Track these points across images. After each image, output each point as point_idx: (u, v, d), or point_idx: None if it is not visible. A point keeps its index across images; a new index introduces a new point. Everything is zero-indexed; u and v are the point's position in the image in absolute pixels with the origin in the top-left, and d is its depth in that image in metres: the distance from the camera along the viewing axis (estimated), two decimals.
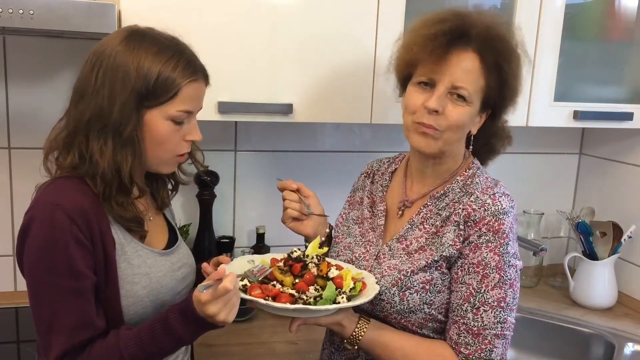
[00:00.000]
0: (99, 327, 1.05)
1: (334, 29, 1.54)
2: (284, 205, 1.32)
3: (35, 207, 1.05)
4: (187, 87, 1.09)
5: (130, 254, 1.11)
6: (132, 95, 1.04)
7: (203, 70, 1.13)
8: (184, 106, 1.09)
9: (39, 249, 1.02)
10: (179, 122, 1.10)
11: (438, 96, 1.13)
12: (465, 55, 1.13)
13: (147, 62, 1.05)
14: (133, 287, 1.10)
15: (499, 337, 1.12)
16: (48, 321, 1.03)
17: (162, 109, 1.08)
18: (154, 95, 1.06)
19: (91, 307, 1.05)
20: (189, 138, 1.13)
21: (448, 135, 1.15)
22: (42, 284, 1.03)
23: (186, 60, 1.09)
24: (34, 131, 1.74)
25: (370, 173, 1.39)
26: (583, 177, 2.30)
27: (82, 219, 1.03)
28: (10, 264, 1.81)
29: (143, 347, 1.04)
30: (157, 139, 1.09)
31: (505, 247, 1.12)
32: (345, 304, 1.09)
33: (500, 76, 1.14)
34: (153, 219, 1.22)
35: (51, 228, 1.01)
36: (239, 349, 1.62)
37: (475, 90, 1.14)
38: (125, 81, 1.04)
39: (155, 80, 1.05)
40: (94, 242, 1.05)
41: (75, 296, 1.03)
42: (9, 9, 1.23)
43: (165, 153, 1.12)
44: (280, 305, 1.06)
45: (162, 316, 1.06)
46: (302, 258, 1.20)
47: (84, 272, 1.03)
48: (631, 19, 1.86)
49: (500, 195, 1.15)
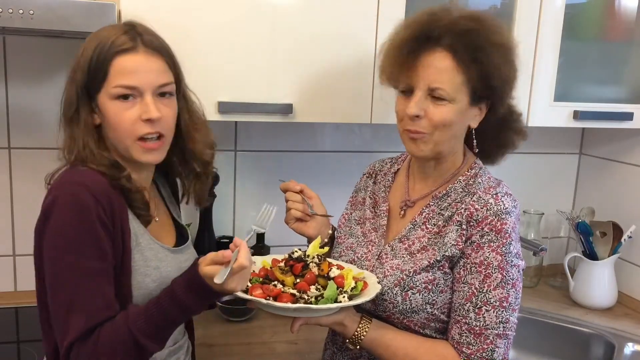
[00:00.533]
0: (116, 309, 1.05)
1: (334, 28, 1.54)
2: (287, 206, 1.32)
3: (59, 188, 1.04)
4: (118, 60, 1.06)
5: (144, 245, 1.12)
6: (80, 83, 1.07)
7: (144, 40, 1.09)
8: (121, 80, 1.06)
9: (63, 230, 1.01)
10: (125, 99, 1.07)
11: (415, 102, 1.14)
12: (436, 55, 1.13)
13: (89, 50, 1.07)
14: (144, 279, 1.11)
15: (501, 337, 1.11)
16: (69, 301, 1.02)
17: (105, 91, 1.07)
18: (93, 77, 1.07)
19: (112, 289, 1.05)
20: (144, 117, 1.07)
21: (437, 136, 1.16)
22: (66, 264, 1.02)
23: (121, 32, 1.08)
24: (34, 131, 1.74)
25: (373, 173, 1.39)
26: (583, 177, 2.30)
27: (106, 201, 1.04)
28: (11, 264, 1.81)
29: (152, 321, 1.03)
30: (109, 121, 1.08)
31: (508, 246, 1.12)
32: (346, 303, 1.09)
33: (481, 68, 1.12)
34: (160, 219, 1.22)
35: (78, 208, 1.01)
36: (239, 349, 1.62)
37: (454, 88, 1.13)
38: (73, 69, 1.09)
39: (89, 60, 1.06)
40: (114, 227, 1.05)
41: (100, 276, 1.03)
42: (9, 9, 1.23)
43: (124, 136, 1.08)
44: (281, 304, 1.06)
45: (167, 290, 1.06)
46: (303, 258, 1.20)
47: (109, 253, 1.04)
48: (631, 19, 1.86)
49: (502, 195, 1.15)
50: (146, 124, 1.08)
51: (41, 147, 1.75)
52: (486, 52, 1.12)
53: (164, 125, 1.10)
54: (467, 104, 1.15)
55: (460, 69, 1.12)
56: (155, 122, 1.08)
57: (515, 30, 1.70)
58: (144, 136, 1.08)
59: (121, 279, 1.08)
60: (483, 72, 1.12)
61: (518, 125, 1.28)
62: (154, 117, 1.07)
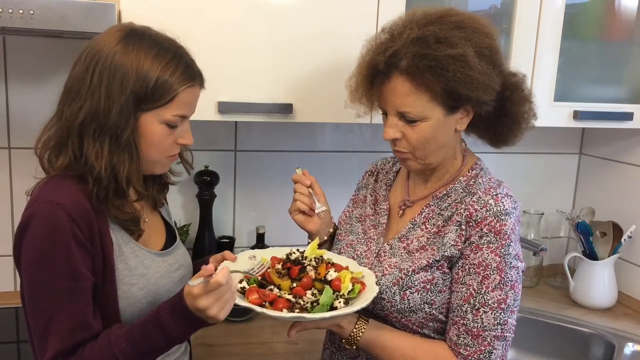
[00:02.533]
0: (95, 329, 1.04)
1: (334, 28, 1.54)
2: (294, 197, 1.32)
3: (35, 205, 1.03)
4: (184, 92, 1.08)
5: (127, 254, 1.11)
6: (131, 98, 1.03)
7: (200, 76, 1.13)
8: (180, 111, 1.08)
9: (38, 248, 1.01)
10: (172, 126, 1.09)
11: (390, 126, 1.16)
12: (397, 80, 1.12)
13: (147, 64, 1.04)
14: (130, 288, 1.10)
15: (499, 339, 1.11)
16: (45, 321, 1.02)
17: (157, 113, 1.07)
18: (152, 98, 1.05)
19: (89, 308, 1.04)
20: (181, 142, 1.13)
21: (421, 153, 1.17)
22: (41, 283, 1.01)
23: (185, 65, 1.08)
24: (34, 131, 1.71)
25: (375, 171, 1.40)
26: (583, 177, 2.30)
27: (82, 219, 1.02)
28: (10, 264, 1.81)
29: (134, 345, 1.02)
30: (150, 141, 1.08)
31: (507, 248, 1.12)
32: (340, 312, 1.08)
33: (444, 84, 1.09)
34: (149, 220, 1.21)
35: (52, 227, 1.00)
36: (239, 349, 1.62)
37: (422, 108, 1.12)
38: (123, 83, 1.03)
39: (154, 83, 1.04)
40: (93, 242, 1.04)
41: (73, 297, 1.02)
42: (9, 9, 1.23)
43: (158, 155, 1.12)
44: (276, 313, 1.06)
45: (153, 312, 1.04)
46: (300, 260, 1.20)
47: (84, 272, 1.03)
48: (631, 19, 1.86)
49: (503, 196, 1.15)
50: (178, 147, 1.14)
51: None
52: (445, 68, 1.07)
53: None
54: (442, 115, 1.13)
55: (422, 89, 1.10)
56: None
57: (515, 30, 1.70)
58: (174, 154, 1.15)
59: (106, 292, 1.07)
60: (447, 86, 1.09)
61: (520, 94, 1.21)
62: (190, 144, 1.15)
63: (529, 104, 1.22)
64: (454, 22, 1.11)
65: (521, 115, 1.22)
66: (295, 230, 1.36)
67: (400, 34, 1.12)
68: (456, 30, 1.10)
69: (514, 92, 1.20)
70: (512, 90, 1.19)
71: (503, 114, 1.20)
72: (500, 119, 1.21)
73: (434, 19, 1.12)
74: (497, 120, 1.21)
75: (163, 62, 1.05)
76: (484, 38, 1.11)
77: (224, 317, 1.02)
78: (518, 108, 1.20)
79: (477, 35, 1.11)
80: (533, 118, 1.24)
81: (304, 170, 1.35)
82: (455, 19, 1.12)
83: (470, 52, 1.08)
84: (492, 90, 1.13)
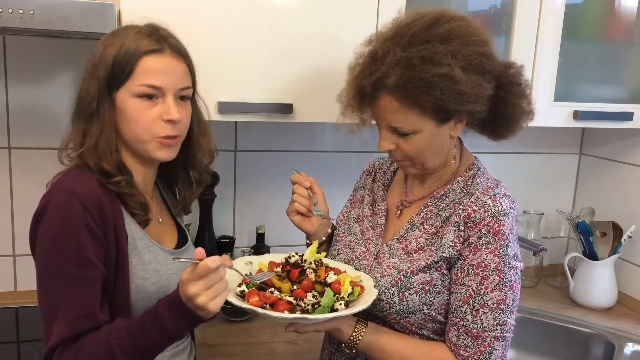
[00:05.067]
0: (100, 320, 1.04)
1: (334, 28, 1.54)
2: (293, 198, 1.32)
3: (52, 192, 1.05)
4: (147, 59, 1.08)
5: (141, 249, 1.12)
6: (101, 79, 1.07)
7: (170, 43, 1.11)
8: (146, 80, 1.08)
9: (50, 235, 1.02)
10: (147, 97, 1.08)
11: (383, 138, 1.16)
12: (386, 98, 1.11)
13: (110, 45, 1.08)
14: (143, 283, 1.11)
15: (499, 340, 1.11)
16: (52, 308, 1.02)
17: (127, 87, 1.08)
18: (116, 73, 1.07)
19: (96, 298, 1.04)
20: (165, 117, 1.09)
21: (417, 161, 1.17)
22: (51, 270, 1.02)
23: (147, 34, 1.09)
24: (34, 131, 1.74)
25: (372, 171, 1.40)
26: (583, 177, 2.30)
27: (96, 209, 1.04)
28: (10, 264, 1.81)
29: (132, 339, 1.01)
30: (128, 117, 1.09)
31: (505, 248, 1.12)
32: (342, 313, 1.08)
33: (432, 101, 1.07)
34: (163, 220, 1.22)
35: (65, 214, 1.02)
36: (239, 349, 1.62)
37: (412, 123, 1.11)
38: (94, 65, 1.08)
39: (113, 59, 1.07)
40: (106, 233, 1.05)
41: (80, 285, 1.02)
42: (9, 9, 1.23)
43: (142, 133, 1.10)
44: (278, 315, 1.06)
45: (152, 307, 1.04)
46: (300, 263, 1.20)
47: (93, 261, 1.03)
48: (631, 19, 1.86)
49: (500, 197, 1.15)
50: (166, 125, 1.10)
51: (41, 147, 1.75)
52: (432, 87, 1.06)
53: (180, 128, 1.13)
54: (434, 127, 1.12)
55: (411, 107, 1.09)
56: (175, 123, 1.11)
57: (515, 30, 1.70)
58: (163, 137, 1.11)
59: (118, 284, 1.08)
60: (436, 104, 1.08)
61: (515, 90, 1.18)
62: (175, 119, 1.09)
63: (525, 99, 1.20)
64: (440, 35, 1.08)
65: (517, 115, 1.20)
66: (295, 230, 1.36)
67: (384, 55, 1.10)
68: (441, 45, 1.07)
69: (509, 92, 1.17)
70: (506, 89, 1.16)
71: (498, 115, 1.19)
72: (495, 119, 1.20)
73: (419, 33, 1.09)
74: (492, 122, 1.20)
75: (125, 37, 1.08)
76: (472, 47, 1.08)
77: (214, 309, 0.98)
78: (513, 110, 1.19)
79: (464, 47, 1.08)
80: (531, 115, 1.22)
81: (301, 173, 1.34)
82: (442, 30, 1.08)
83: (456, 69, 1.06)
84: (484, 98, 1.11)
